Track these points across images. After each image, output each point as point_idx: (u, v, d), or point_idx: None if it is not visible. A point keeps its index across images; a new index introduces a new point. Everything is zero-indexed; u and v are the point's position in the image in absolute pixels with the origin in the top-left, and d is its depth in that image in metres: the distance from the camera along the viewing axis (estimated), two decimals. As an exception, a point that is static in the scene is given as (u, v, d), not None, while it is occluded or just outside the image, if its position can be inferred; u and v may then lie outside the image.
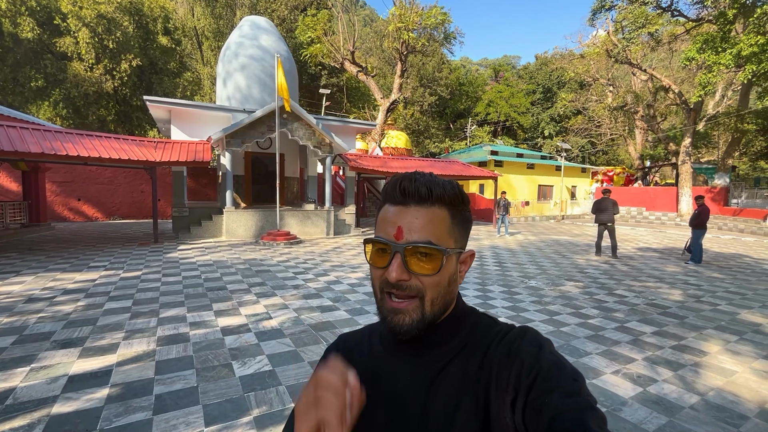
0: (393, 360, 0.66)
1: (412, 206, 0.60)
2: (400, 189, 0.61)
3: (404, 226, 0.60)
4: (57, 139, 8.78)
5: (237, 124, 11.18)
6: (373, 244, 0.62)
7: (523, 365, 0.56)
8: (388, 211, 0.63)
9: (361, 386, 0.53)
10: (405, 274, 0.59)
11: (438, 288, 0.61)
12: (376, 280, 0.62)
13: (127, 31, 16.43)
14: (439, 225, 0.61)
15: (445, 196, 0.61)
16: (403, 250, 0.59)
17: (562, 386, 0.53)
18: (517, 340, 0.60)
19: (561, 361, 0.57)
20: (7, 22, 14.66)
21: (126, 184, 16.68)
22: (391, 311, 0.60)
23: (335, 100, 32.60)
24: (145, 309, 4.90)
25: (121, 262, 7.76)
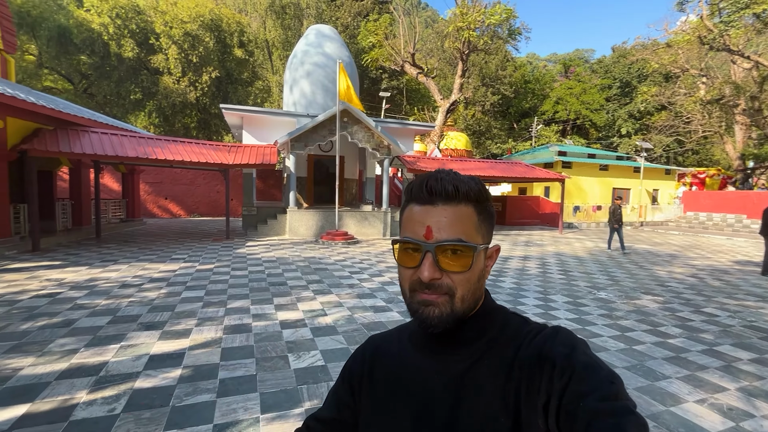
0: (421, 359, 0.66)
1: (440, 205, 0.61)
2: (427, 188, 0.61)
3: (433, 225, 0.60)
4: (148, 144, 9.93)
5: (300, 129, 11.76)
6: (402, 244, 0.62)
7: (555, 367, 0.55)
8: (414, 210, 0.63)
9: None
10: (437, 273, 0.59)
11: (468, 284, 0.61)
12: (405, 280, 0.63)
13: (208, 46, 18.14)
14: (467, 222, 0.61)
15: (471, 193, 0.61)
16: (435, 249, 0.59)
17: (598, 389, 0.51)
18: (549, 340, 0.59)
19: (596, 362, 0.55)
20: (114, 45, 17.00)
21: (205, 185, 18.36)
22: (422, 303, 0.61)
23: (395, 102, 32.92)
24: (215, 299, 5.33)
25: (197, 256, 8.54)
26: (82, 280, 6.14)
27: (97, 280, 6.12)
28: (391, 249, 0.72)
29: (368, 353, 0.74)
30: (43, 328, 4.11)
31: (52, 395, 2.87)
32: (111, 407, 2.75)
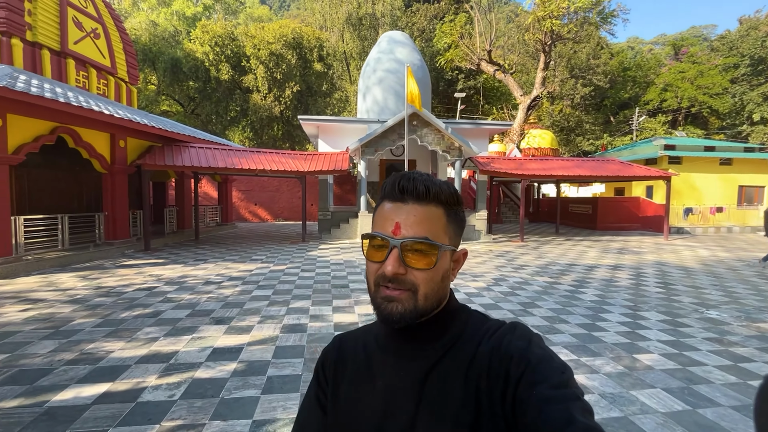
0: (387, 357, 0.68)
1: (410, 203, 0.62)
2: (399, 187, 0.63)
3: (402, 222, 0.61)
4: (236, 156, 11.03)
5: (370, 134, 12.00)
6: (371, 239, 0.64)
7: (512, 359, 0.58)
8: (385, 207, 0.64)
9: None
10: (401, 268, 0.60)
11: (431, 283, 0.62)
12: (371, 274, 0.64)
13: (290, 63, 19.67)
14: (435, 222, 0.62)
15: (441, 195, 0.63)
16: (400, 244, 0.60)
17: (550, 378, 0.54)
18: (507, 335, 0.62)
19: (549, 354, 0.59)
20: (213, 69, 19.46)
21: (288, 192, 19.82)
22: (384, 299, 0.62)
23: (472, 102, 31.93)
24: (280, 299, 5.63)
25: (273, 257, 9.18)
26: (175, 276, 6.99)
27: (187, 277, 6.92)
28: (360, 243, 0.73)
29: (335, 352, 0.75)
30: (137, 318, 4.74)
31: (129, 377, 3.25)
32: (171, 393, 3.01)
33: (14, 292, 5.76)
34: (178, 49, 20.45)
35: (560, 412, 0.51)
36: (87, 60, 10.01)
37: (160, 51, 19.34)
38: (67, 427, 2.58)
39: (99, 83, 10.44)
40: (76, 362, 3.51)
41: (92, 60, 10.17)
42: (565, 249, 11.14)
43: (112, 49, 10.89)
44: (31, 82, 7.37)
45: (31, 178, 8.24)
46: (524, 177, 13.07)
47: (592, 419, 0.51)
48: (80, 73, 9.86)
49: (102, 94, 10.53)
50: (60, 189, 8.81)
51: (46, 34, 8.98)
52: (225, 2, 31.24)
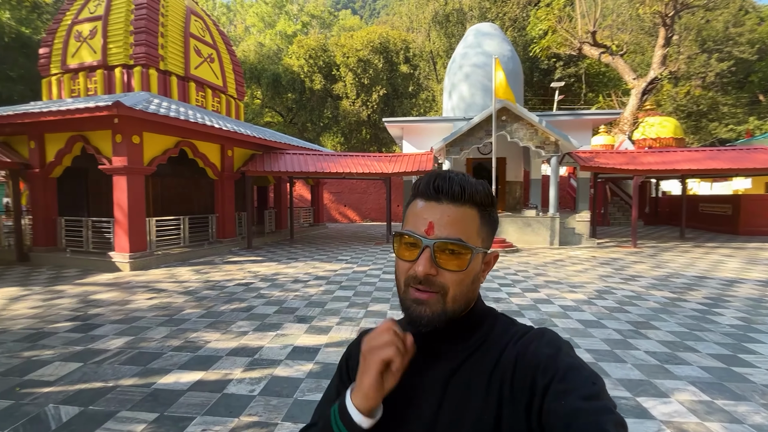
0: (411, 357, 0.66)
1: (445, 203, 0.61)
2: (434, 186, 0.62)
3: (435, 222, 0.60)
4: (325, 161, 11.62)
5: (455, 133, 11.57)
6: (403, 237, 0.63)
7: (539, 367, 0.56)
8: (418, 205, 0.63)
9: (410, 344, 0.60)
10: (433, 269, 0.60)
11: (461, 285, 0.61)
12: (401, 273, 0.63)
13: (377, 67, 20.18)
14: (469, 224, 0.62)
15: (476, 196, 0.62)
16: (433, 245, 0.59)
17: (580, 389, 0.52)
18: (534, 341, 0.60)
19: (579, 363, 0.56)
20: (307, 80, 20.96)
21: (375, 193, 20.34)
22: (414, 301, 0.61)
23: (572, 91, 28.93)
24: (359, 300, 5.67)
25: (357, 258, 9.40)
26: (270, 273, 7.58)
27: (279, 275, 7.44)
28: (392, 242, 0.70)
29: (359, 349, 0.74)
30: (233, 311, 5.19)
31: (219, 368, 3.53)
32: (252, 388, 3.17)
33: (145, 282, 6.83)
34: (279, 65, 22.52)
35: (591, 425, 0.48)
36: (204, 82, 11.53)
37: (263, 68, 21.53)
38: (166, 409, 2.86)
39: (213, 101, 11.95)
40: (180, 349, 3.95)
41: (208, 81, 11.68)
42: (692, 258, 9.29)
43: (224, 70, 12.37)
44: (162, 104, 8.72)
45: (163, 185, 9.77)
46: (637, 173, 11.29)
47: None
48: (199, 93, 11.39)
49: (215, 110, 12.03)
50: (183, 194, 10.30)
51: (174, 63, 10.56)
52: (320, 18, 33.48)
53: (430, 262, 0.59)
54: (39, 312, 5.11)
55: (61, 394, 3.05)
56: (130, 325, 4.65)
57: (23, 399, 2.98)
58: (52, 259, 8.39)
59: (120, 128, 7.52)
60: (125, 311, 5.17)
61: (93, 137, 7.96)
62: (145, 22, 9.72)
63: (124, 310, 5.23)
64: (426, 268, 0.59)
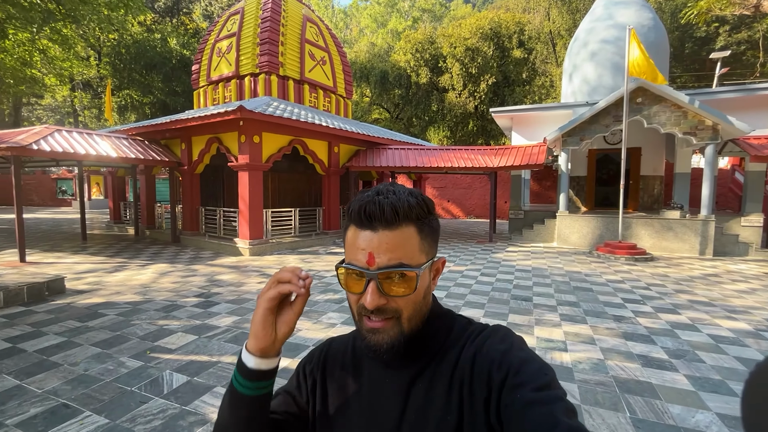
0: (372, 364, 0.68)
1: (380, 230, 0.59)
2: (366, 214, 0.60)
3: (374, 251, 0.59)
4: (426, 155, 11.39)
5: (574, 120, 10.15)
6: (346, 270, 0.61)
7: (493, 363, 0.57)
8: (355, 235, 0.61)
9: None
10: (382, 299, 0.59)
11: (414, 305, 0.61)
12: (353, 304, 0.63)
13: (486, 54, 19.05)
14: (409, 244, 0.60)
15: (411, 213, 0.60)
16: (377, 275, 0.59)
17: (532, 380, 0.54)
18: (488, 338, 0.62)
19: (531, 356, 0.58)
20: (413, 75, 20.93)
21: (480, 188, 19.36)
22: (369, 331, 0.61)
23: (741, 62, 22.95)
24: (450, 303, 5.33)
25: (456, 256, 8.98)
26: (366, 266, 7.72)
27: (374, 268, 7.52)
28: (336, 274, 0.64)
29: (323, 355, 0.75)
30: (326, 302, 5.38)
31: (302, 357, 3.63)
32: (330, 384, 3.16)
33: (258, 267, 7.62)
34: (387, 62, 23.06)
35: (544, 415, 0.50)
36: (317, 83, 12.37)
37: (372, 66, 22.31)
38: (252, 392, 3.03)
39: (324, 101, 12.77)
40: (275, 334, 4.20)
41: (320, 83, 12.50)
42: None
43: (334, 71, 13.10)
44: (279, 107, 9.60)
45: (279, 180, 10.82)
46: None
47: (576, 419, 0.51)
48: (312, 95, 12.28)
49: (326, 110, 12.83)
50: (295, 188, 11.27)
51: (291, 68, 11.57)
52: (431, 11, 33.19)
53: (377, 293, 0.59)
54: (177, 287, 6.08)
55: (177, 363, 3.49)
56: (240, 305, 5.17)
57: (150, 362, 3.50)
58: (195, 241, 10.03)
59: (244, 129, 8.52)
60: (239, 292, 5.79)
61: (225, 138, 9.21)
62: (269, 34, 10.82)
63: (238, 291, 5.87)
64: (374, 299, 0.59)
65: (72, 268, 7.29)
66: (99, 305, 5.10)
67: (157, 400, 2.87)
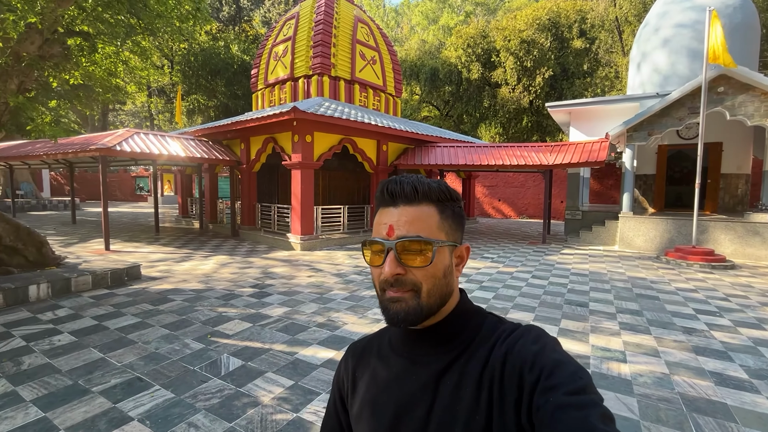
0: (400, 361, 0.68)
1: (401, 206, 0.63)
2: (389, 191, 0.64)
3: (394, 224, 0.62)
4: (476, 152, 11.11)
5: (642, 113, 9.35)
6: (370, 245, 0.65)
7: (525, 364, 0.57)
8: (380, 213, 0.65)
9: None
10: (399, 268, 0.61)
11: (433, 279, 0.62)
12: (375, 279, 0.65)
13: (543, 47, 18.05)
14: (428, 220, 0.63)
15: (431, 193, 0.64)
16: (395, 245, 0.61)
17: (566, 384, 0.52)
18: (520, 338, 0.61)
19: (566, 358, 0.57)
20: (465, 71, 20.44)
21: (534, 187, 18.49)
22: (389, 300, 0.62)
23: None
24: (499, 305, 5.17)
25: (506, 257, 8.68)
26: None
27: (420, 267, 7.50)
28: (361, 252, 0.68)
29: (350, 361, 0.77)
30: (372, 297, 5.46)
31: (349, 351, 3.73)
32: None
33: (308, 262, 7.92)
34: (437, 59, 22.76)
35: (578, 420, 0.48)
36: (367, 83, 12.55)
37: (422, 64, 22.12)
38: (300, 379, 3.17)
39: (374, 100, 12.92)
40: (322, 326, 4.36)
41: (370, 82, 12.67)
42: None
43: (384, 70, 13.20)
44: (330, 107, 9.89)
45: (329, 178, 11.15)
46: None
47: (613, 426, 0.49)
48: (362, 94, 12.49)
49: (375, 108, 12.97)
50: (344, 186, 11.54)
51: (343, 68, 11.84)
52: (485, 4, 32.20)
53: (395, 262, 0.61)
54: (235, 277, 6.51)
55: (233, 347, 3.75)
56: (290, 297, 5.42)
57: (210, 345, 3.79)
58: (252, 236, 10.65)
59: (297, 129, 8.89)
60: (290, 285, 6.07)
61: (279, 138, 9.66)
62: (321, 36, 11.16)
63: (289, 284, 6.15)
64: (392, 268, 0.61)
65: (147, 257, 8.09)
66: (168, 291, 5.61)
67: (215, 380, 3.11)
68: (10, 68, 4.91)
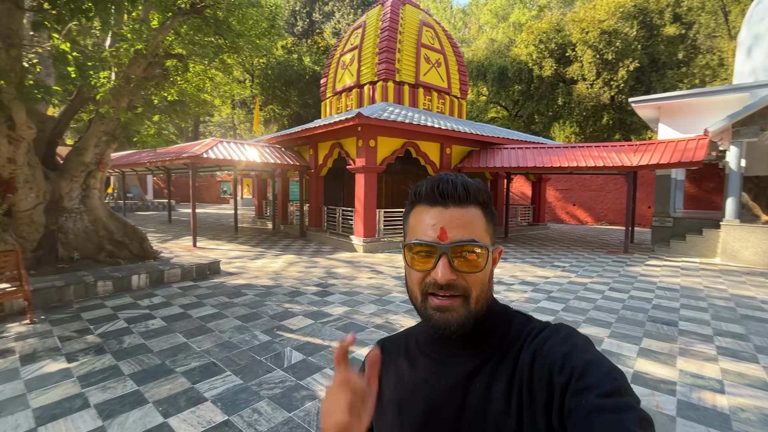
0: (428, 362, 0.67)
1: (452, 207, 0.61)
2: (439, 191, 0.62)
3: (447, 227, 0.60)
4: (546, 154, 10.44)
5: (752, 105, 8.05)
6: (414, 247, 0.62)
7: (555, 365, 0.55)
8: (425, 212, 0.62)
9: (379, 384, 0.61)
10: (453, 274, 0.59)
11: (482, 285, 0.61)
12: (416, 284, 0.62)
13: (627, 36, 16.36)
14: (478, 223, 0.62)
15: (479, 196, 0.62)
16: (450, 249, 0.59)
17: (600, 386, 0.50)
18: (549, 338, 0.59)
19: (598, 358, 0.55)
20: (536, 68, 19.31)
21: (616, 191, 16.84)
22: (437, 309, 0.60)
23: None
24: (568, 317, 4.80)
25: (579, 266, 8.02)
26: (474, 270, 7.48)
27: (483, 273, 7.24)
28: (402, 254, 0.65)
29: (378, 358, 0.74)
30: (431, 302, 5.40)
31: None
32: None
33: (370, 264, 8.07)
34: (506, 57, 21.88)
35: (613, 424, 0.45)
36: (431, 86, 12.50)
37: (490, 63, 21.39)
38: (356, 378, 3.25)
39: (438, 102, 12.82)
40: (380, 327, 4.41)
41: (434, 85, 12.60)
42: None
43: (449, 72, 13.04)
44: (394, 111, 10.02)
45: (392, 182, 11.29)
46: None
47: (651, 430, 0.46)
48: (426, 97, 12.46)
49: (440, 111, 12.85)
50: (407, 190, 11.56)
51: (407, 73, 11.93)
52: (559, -4, 30.28)
53: (449, 268, 0.59)
54: (301, 276, 6.87)
55: (296, 342, 3.96)
56: (351, 297, 5.58)
57: (276, 338, 4.04)
58: (319, 237, 11.16)
59: (361, 134, 9.15)
60: (351, 285, 6.25)
61: (345, 143, 10.03)
62: (387, 43, 11.37)
63: (350, 284, 6.33)
64: (446, 274, 0.58)
65: (226, 253, 8.89)
66: (242, 286, 6.11)
67: (278, 371, 3.31)
68: (122, 89, 5.76)
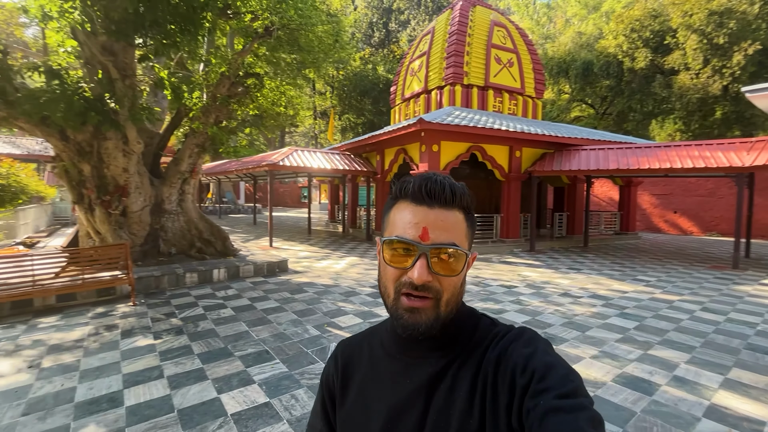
0: (392, 364, 0.67)
1: (436, 208, 0.60)
2: (426, 190, 0.61)
3: (430, 227, 0.59)
4: (636, 154, 9.34)
5: None
6: (395, 243, 0.61)
7: (517, 367, 0.56)
8: (408, 209, 0.61)
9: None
10: (430, 276, 0.59)
11: (454, 289, 0.61)
12: (390, 280, 0.62)
13: (747, 14, 13.82)
14: (459, 228, 0.61)
15: (464, 200, 0.62)
16: (430, 251, 0.59)
17: (557, 387, 0.52)
18: (513, 341, 0.60)
19: (557, 361, 0.56)
20: (627, 60, 17.28)
21: (730, 196, 14.33)
22: (408, 310, 0.60)
23: None
24: (640, 337, 4.28)
25: (667, 282, 7.03)
26: (539, 280, 7.02)
27: (549, 284, 6.76)
28: (379, 248, 0.65)
29: (340, 360, 0.75)
30: (483, 311, 5.23)
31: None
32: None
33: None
34: (592, 51, 20.04)
35: (567, 423, 0.48)
36: (502, 87, 12.05)
37: (573, 59, 19.76)
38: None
39: (510, 104, 12.29)
40: (425, 331, 4.41)
41: (506, 86, 12.11)
42: None
43: (522, 72, 12.42)
44: (459, 115, 9.88)
45: (459, 186, 11.06)
46: None
47: (602, 429, 0.49)
48: (496, 99, 12.04)
49: (511, 113, 12.31)
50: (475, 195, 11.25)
51: (476, 75, 11.68)
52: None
53: (426, 269, 0.58)
54: (359, 277, 7.14)
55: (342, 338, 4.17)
56: (403, 300, 5.65)
57: (324, 333, 4.30)
58: (384, 240, 11.42)
59: (424, 140, 9.20)
60: (406, 289, 6.31)
61: (409, 149, 10.17)
62: (455, 47, 11.28)
63: (405, 287, 6.40)
64: (423, 275, 0.58)
65: (296, 254, 9.60)
66: (304, 284, 6.57)
67: (320, 364, 3.53)
68: (210, 107, 6.64)
